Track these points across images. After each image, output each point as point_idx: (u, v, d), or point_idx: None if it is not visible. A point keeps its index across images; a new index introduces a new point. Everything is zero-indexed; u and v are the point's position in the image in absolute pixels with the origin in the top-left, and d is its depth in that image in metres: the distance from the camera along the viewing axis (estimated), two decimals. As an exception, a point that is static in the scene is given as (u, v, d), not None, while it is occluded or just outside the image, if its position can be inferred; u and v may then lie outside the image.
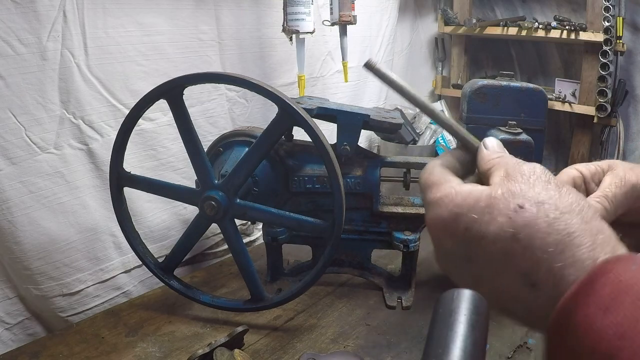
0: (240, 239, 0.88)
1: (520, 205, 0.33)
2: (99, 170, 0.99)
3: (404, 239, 0.96)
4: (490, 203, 0.34)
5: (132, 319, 0.94)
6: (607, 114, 1.60)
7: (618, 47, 1.55)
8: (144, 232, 1.06)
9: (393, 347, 0.86)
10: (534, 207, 0.33)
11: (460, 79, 2.05)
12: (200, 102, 1.15)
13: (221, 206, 0.83)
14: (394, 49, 1.79)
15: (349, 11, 1.18)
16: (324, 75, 1.48)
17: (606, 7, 1.52)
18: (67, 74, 0.91)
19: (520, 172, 0.36)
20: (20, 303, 0.95)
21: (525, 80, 2.00)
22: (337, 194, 0.81)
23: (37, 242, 0.91)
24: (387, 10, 1.70)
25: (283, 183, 0.96)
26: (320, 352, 0.83)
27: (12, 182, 0.87)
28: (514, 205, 0.33)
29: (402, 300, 0.99)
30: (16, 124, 0.86)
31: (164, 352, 0.84)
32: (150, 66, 1.03)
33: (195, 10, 1.10)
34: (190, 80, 0.80)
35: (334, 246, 0.83)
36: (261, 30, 1.25)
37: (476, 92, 0.94)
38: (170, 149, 1.10)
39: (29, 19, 0.83)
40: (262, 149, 0.82)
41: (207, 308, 0.93)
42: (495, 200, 0.34)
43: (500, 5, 1.95)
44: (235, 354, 0.74)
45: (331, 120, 0.94)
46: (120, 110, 0.99)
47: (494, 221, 0.34)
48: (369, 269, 1.06)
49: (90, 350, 0.84)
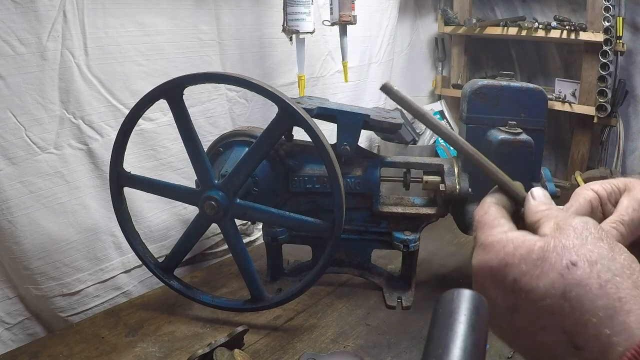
0: (240, 239, 0.88)
1: (573, 263, 0.32)
2: (99, 170, 0.99)
3: (404, 239, 0.96)
4: (543, 256, 0.33)
5: (132, 319, 0.94)
6: (607, 114, 1.60)
7: (618, 47, 1.55)
8: (144, 232, 1.06)
9: (393, 347, 0.86)
10: (586, 266, 0.32)
11: (460, 79, 2.05)
12: (200, 102, 1.15)
13: (221, 206, 0.83)
14: (394, 49, 1.79)
15: (349, 11, 1.18)
16: (324, 75, 1.48)
17: (606, 7, 1.52)
18: (67, 74, 0.91)
19: (572, 225, 0.35)
20: (20, 303, 0.95)
21: (525, 80, 2.00)
22: (337, 194, 0.81)
23: (37, 242, 0.91)
24: (387, 10, 1.70)
25: (283, 183, 0.96)
26: (320, 352, 0.83)
27: (12, 182, 0.87)
28: (566, 261, 0.32)
29: (402, 300, 0.99)
30: (16, 124, 0.86)
31: (164, 352, 0.84)
32: (150, 66, 1.03)
33: (195, 10, 1.10)
34: (190, 80, 0.80)
35: (334, 246, 0.83)
36: (261, 30, 1.25)
37: (476, 92, 0.94)
38: (170, 149, 1.10)
39: (29, 19, 0.83)
40: (262, 149, 0.82)
41: (207, 308, 0.93)
42: (548, 254, 0.33)
43: (500, 5, 1.95)
44: (235, 354, 0.74)
45: (331, 120, 0.94)
46: (120, 110, 0.99)
47: (545, 276, 0.33)
48: (369, 269, 1.06)
49: (90, 350, 0.84)
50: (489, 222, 0.39)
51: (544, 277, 0.33)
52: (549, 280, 0.32)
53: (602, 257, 0.32)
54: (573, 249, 0.33)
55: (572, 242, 0.33)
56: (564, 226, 0.35)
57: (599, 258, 0.32)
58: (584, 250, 0.33)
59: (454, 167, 0.97)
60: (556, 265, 0.32)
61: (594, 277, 0.31)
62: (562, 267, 0.32)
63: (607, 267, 0.32)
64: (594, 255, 0.32)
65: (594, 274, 0.31)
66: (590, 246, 0.33)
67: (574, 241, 0.33)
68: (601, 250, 0.33)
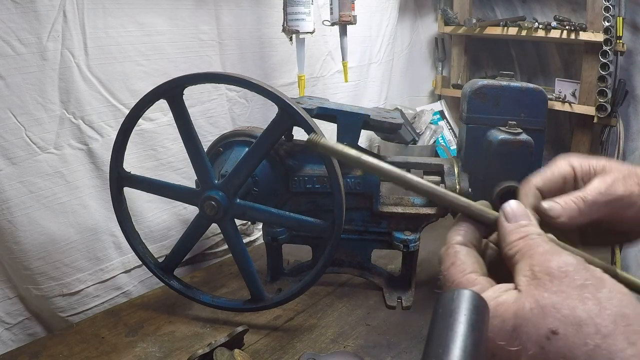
0: (240, 239, 0.88)
1: (554, 331, 0.28)
2: (99, 170, 0.99)
3: (404, 239, 0.96)
4: (518, 325, 0.30)
5: (132, 319, 0.94)
6: (607, 114, 1.60)
7: (618, 47, 1.55)
8: (144, 232, 1.06)
9: (393, 347, 0.86)
10: (570, 332, 0.28)
11: (460, 79, 2.05)
12: (200, 102, 1.15)
13: (221, 206, 0.83)
14: (394, 49, 1.79)
15: (349, 11, 1.18)
16: (324, 75, 1.48)
17: (606, 7, 1.52)
18: (67, 74, 0.91)
19: (548, 272, 0.31)
20: (20, 303, 0.95)
21: (525, 80, 2.00)
22: (337, 194, 0.81)
23: (37, 242, 0.91)
24: (387, 10, 1.70)
25: (283, 183, 0.96)
26: (320, 352, 0.83)
27: (12, 182, 0.87)
28: (545, 330, 0.29)
29: (402, 300, 0.99)
30: (16, 124, 0.86)
31: (164, 352, 0.84)
32: (150, 66, 1.03)
33: (195, 10, 1.10)
34: (190, 80, 0.80)
35: (334, 246, 0.83)
36: (261, 30, 1.25)
37: (476, 92, 0.94)
38: (170, 149, 1.10)
39: (29, 19, 0.83)
40: (262, 149, 0.82)
41: (207, 308, 0.93)
42: (524, 322, 0.29)
43: (500, 5, 1.95)
44: (235, 354, 0.74)
45: (331, 120, 0.94)
46: (120, 110, 0.99)
47: (524, 351, 0.29)
48: (369, 269, 1.06)
49: (90, 350, 0.84)
50: (457, 282, 0.35)
51: (523, 353, 0.29)
52: (530, 355, 0.29)
53: (588, 313, 0.28)
54: (552, 309, 0.29)
55: (551, 299, 0.29)
56: (540, 273, 0.31)
57: (584, 317, 0.28)
58: (566, 310, 0.29)
59: (454, 167, 0.97)
60: (534, 337, 0.29)
61: (580, 345, 0.28)
62: (542, 338, 0.29)
63: (594, 327, 0.28)
64: (578, 314, 0.28)
65: (580, 340, 0.28)
66: (572, 301, 0.29)
67: (552, 298, 0.29)
68: (586, 304, 0.29)
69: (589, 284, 0.30)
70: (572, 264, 0.31)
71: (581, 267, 0.31)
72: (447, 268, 0.36)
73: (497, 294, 0.32)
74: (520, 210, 0.37)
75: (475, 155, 0.94)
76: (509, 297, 0.31)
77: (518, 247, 0.34)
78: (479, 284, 0.34)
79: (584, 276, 0.30)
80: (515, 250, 0.34)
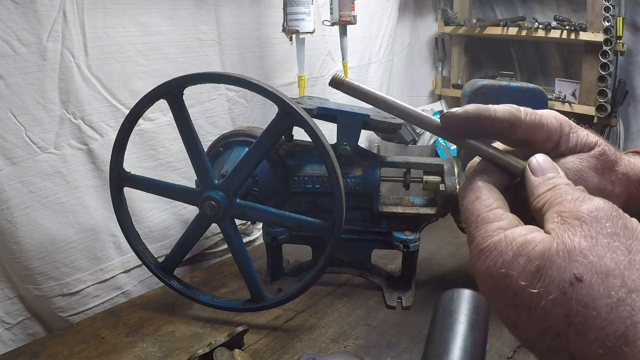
0: (240, 239, 0.88)
1: (578, 277, 0.27)
2: (99, 170, 0.99)
3: (404, 239, 0.96)
4: (542, 267, 0.28)
5: (132, 319, 0.94)
6: (607, 114, 1.60)
7: (618, 47, 1.55)
8: (144, 232, 1.06)
9: (393, 347, 0.86)
10: (594, 281, 0.27)
11: (460, 79, 2.05)
12: (200, 102, 1.15)
13: (221, 206, 0.83)
14: (394, 49, 1.79)
15: (349, 11, 1.18)
16: (324, 75, 1.48)
17: (606, 7, 1.52)
18: (67, 74, 0.91)
19: (578, 217, 0.29)
20: (20, 303, 0.95)
21: (525, 80, 2.00)
22: (337, 194, 0.81)
23: (37, 242, 0.91)
24: (387, 10, 1.70)
25: (283, 183, 0.96)
26: (320, 352, 0.83)
27: (12, 182, 0.87)
28: (569, 275, 0.27)
29: (402, 300, 0.99)
30: (16, 124, 0.86)
31: (164, 352, 0.84)
32: (150, 66, 1.03)
33: (195, 10, 1.10)
34: (190, 80, 0.80)
35: (334, 246, 0.83)
36: (261, 30, 1.25)
37: (476, 92, 0.94)
38: (170, 149, 1.10)
39: (29, 19, 0.83)
40: (262, 149, 0.82)
41: (207, 308, 0.93)
42: (549, 264, 0.28)
43: (500, 5, 1.95)
44: (235, 354, 0.74)
45: (331, 120, 0.94)
46: (120, 110, 0.99)
47: (546, 294, 0.28)
48: (369, 269, 1.06)
49: (90, 350, 0.84)
50: (483, 216, 0.33)
51: (544, 295, 0.28)
52: (550, 300, 0.28)
53: (617, 264, 0.27)
54: (580, 255, 0.27)
55: (579, 244, 0.28)
56: (569, 218, 0.29)
57: (612, 267, 0.27)
58: (593, 257, 0.27)
59: (454, 167, 0.97)
60: (557, 281, 0.28)
61: (604, 296, 0.26)
62: (565, 283, 0.27)
63: (621, 279, 0.26)
64: (605, 263, 0.27)
65: (604, 291, 0.26)
66: (602, 249, 0.27)
67: (581, 242, 0.28)
68: (615, 254, 0.27)
69: (620, 232, 0.28)
70: (604, 209, 0.29)
71: (614, 214, 0.29)
72: (472, 202, 0.34)
73: (525, 232, 0.31)
74: (547, 163, 0.35)
75: (475, 155, 0.94)
76: (537, 237, 0.30)
77: (546, 197, 0.32)
78: (505, 218, 0.32)
79: (617, 223, 0.28)
80: (543, 201, 0.33)
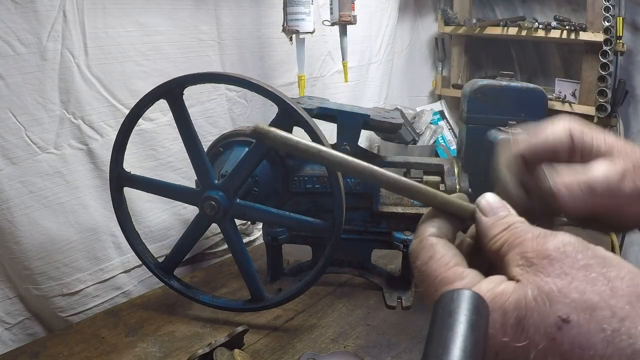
0: (240, 239, 0.88)
1: (564, 319, 0.25)
2: (99, 170, 0.99)
3: (404, 239, 0.96)
4: (522, 317, 0.26)
5: (132, 319, 0.94)
6: (607, 114, 1.61)
7: (618, 47, 1.55)
8: (144, 232, 1.06)
9: (393, 347, 0.86)
10: (583, 318, 0.25)
11: (460, 79, 2.05)
12: (200, 102, 1.15)
13: (221, 206, 0.82)
14: (394, 49, 1.79)
15: (349, 11, 1.18)
16: (324, 75, 1.48)
17: (606, 7, 1.52)
18: (67, 74, 0.91)
19: (545, 256, 0.27)
20: (20, 303, 0.95)
21: (525, 80, 2.00)
22: (337, 194, 0.81)
23: (37, 242, 0.91)
24: (387, 10, 1.70)
25: (283, 183, 0.96)
26: (320, 352, 0.83)
27: (12, 182, 0.87)
28: (554, 318, 0.25)
29: (402, 300, 0.99)
30: (16, 124, 0.86)
31: (164, 352, 0.84)
32: (150, 66, 1.03)
33: (195, 10, 1.10)
34: (190, 80, 0.80)
35: (334, 246, 0.83)
36: (261, 30, 1.25)
37: (476, 92, 0.95)
38: (170, 149, 1.10)
39: (29, 19, 0.83)
40: (262, 149, 0.82)
41: (207, 308, 0.93)
42: (528, 313, 0.26)
43: (500, 5, 1.95)
44: (235, 354, 0.74)
45: (331, 120, 0.94)
46: (120, 110, 0.99)
47: (533, 345, 0.25)
48: (369, 269, 1.06)
49: (90, 350, 0.84)
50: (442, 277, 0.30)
51: (532, 347, 0.26)
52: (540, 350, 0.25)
53: (600, 295, 0.25)
54: (559, 295, 0.25)
55: (555, 284, 0.26)
56: (536, 259, 0.27)
57: (596, 299, 0.25)
58: (574, 294, 0.25)
59: (454, 167, 0.97)
60: (543, 328, 0.25)
61: (597, 331, 0.24)
62: (552, 328, 0.25)
63: (609, 310, 0.25)
64: (589, 297, 0.25)
65: (596, 327, 0.24)
66: (580, 284, 0.25)
67: (557, 282, 0.26)
68: (595, 285, 0.25)
69: (592, 262, 0.26)
70: (571, 243, 0.27)
71: (582, 245, 0.27)
72: (425, 262, 0.31)
73: (492, 285, 0.28)
74: (496, 202, 0.32)
75: (476, 155, 0.94)
76: (507, 287, 0.27)
77: (503, 238, 0.30)
78: (467, 276, 0.30)
79: (587, 255, 0.27)
80: (500, 242, 0.30)
